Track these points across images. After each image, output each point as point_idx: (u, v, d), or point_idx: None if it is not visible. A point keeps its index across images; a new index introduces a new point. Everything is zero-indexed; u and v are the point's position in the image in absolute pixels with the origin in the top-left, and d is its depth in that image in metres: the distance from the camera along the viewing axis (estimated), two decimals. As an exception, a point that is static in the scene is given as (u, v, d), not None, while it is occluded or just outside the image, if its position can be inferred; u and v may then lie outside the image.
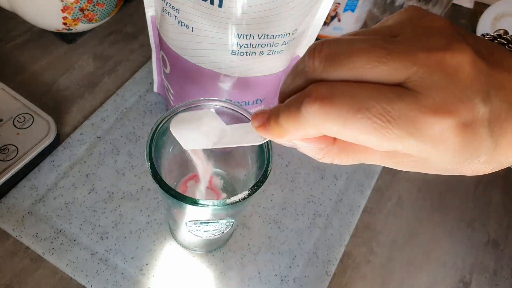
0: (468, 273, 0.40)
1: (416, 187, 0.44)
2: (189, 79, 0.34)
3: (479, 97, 0.14)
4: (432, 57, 0.15)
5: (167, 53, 0.34)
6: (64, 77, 0.46)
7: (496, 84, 0.15)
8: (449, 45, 0.15)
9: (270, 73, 0.33)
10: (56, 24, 0.43)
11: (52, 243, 0.35)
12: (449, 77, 0.14)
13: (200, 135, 0.23)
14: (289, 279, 0.36)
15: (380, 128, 0.14)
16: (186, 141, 0.23)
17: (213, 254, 0.36)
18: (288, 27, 0.29)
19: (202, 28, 0.29)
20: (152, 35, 0.38)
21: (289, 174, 0.42)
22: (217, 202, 0.23)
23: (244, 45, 0.29)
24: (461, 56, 0.15)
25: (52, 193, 0.37)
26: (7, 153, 0.36)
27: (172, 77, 0.36)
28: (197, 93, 0.35)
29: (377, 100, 0.14)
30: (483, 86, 0.15)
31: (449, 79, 0.14)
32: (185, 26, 0.30)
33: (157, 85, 0.45)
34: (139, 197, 0.38)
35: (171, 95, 0.39)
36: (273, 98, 0.39)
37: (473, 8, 0.65)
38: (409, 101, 0.14)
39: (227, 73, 0.32)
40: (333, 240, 0.39)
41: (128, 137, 0.42)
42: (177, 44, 0.32)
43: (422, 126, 0.14)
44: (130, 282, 0.34)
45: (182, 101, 0.38)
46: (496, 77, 0.15)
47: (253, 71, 0.32)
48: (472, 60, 0.15)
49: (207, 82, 0.34)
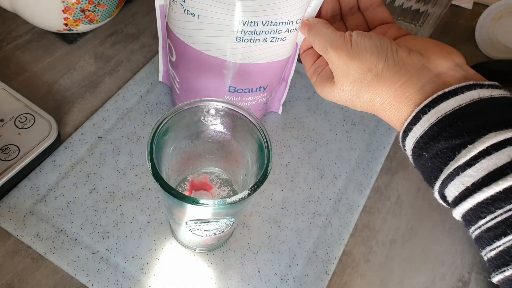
0: (467, 272, 0.40)
1: (415, 187, 0.44)
2: (194, 67, 0.35)
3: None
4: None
5: (173, 41, 0.35)
6: (65, 78, 0.46)
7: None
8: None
9: (273, 60, 0.34)
10: (57, 24, 0.43)
11: (53, 242, 0.35)
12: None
13: None
14: (289, 278, 0.36)
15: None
16: None
17: (213, 253, 0.36)
18: (292, 15, 0.30)
19: (207, 15, 0.30)
20: (160, 24, 0.38)
21: (288, 174, 0.42)
22: (218, 201, 0.23)
23: (249, 32, 0.30)
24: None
25: (53, 193, 0.38)
26: (8, 153, 0.37)
27: (178, 65, 0.37)
28: (201, 80, 0.36)
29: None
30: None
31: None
32: (191, 14, 0.31)
33: (163, 74, 0.46)
34: (140, 197, 0.38)
35: (177, 83, 0.40)
36: (276, 85, 0.39)
37: (472, 8, 0.65)
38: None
39: (231, 60, 0.33)
40: (332, 239, 0.39)
41: (129, 137, 0.42)
42: (183, 32, 0.33)
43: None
44: (131, 281, 0.34)
45: (187, 88, 0.39)
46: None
47: (257, 58, 0.33)
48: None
49: (212, 69, 0.34)
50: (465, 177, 0.22)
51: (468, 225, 0.23)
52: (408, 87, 0.25)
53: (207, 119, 0.29)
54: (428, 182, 0.25)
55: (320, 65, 0.32)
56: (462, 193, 0.22)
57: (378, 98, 0.26)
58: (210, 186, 0.35)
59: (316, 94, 0.48)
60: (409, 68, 0.25)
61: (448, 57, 0.25)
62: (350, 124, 0.47)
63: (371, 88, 0.26)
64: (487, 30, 0.59)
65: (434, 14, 0.50)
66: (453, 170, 0.22)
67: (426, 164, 0.24)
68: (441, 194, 0.25)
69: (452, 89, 0.23)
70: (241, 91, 0.36)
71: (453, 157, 0.22)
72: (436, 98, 0.24)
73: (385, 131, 0.47)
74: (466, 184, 0.22)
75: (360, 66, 0.26)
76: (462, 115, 0.22)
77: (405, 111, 0.25)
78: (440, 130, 0.23)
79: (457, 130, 0.22)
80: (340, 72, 0.28)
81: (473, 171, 0.21)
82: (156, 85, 0.46)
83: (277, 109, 0.46)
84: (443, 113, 0.23)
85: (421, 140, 0.24)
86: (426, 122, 0.24)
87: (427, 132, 0.24)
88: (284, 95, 0.44)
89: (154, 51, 0.50)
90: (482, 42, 0.59)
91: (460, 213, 0.23)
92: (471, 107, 0.22)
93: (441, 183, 0.24)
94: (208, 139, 0.31)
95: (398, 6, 0.51)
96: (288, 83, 0.42)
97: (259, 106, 0.40)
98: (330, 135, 0.46)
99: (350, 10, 0.34)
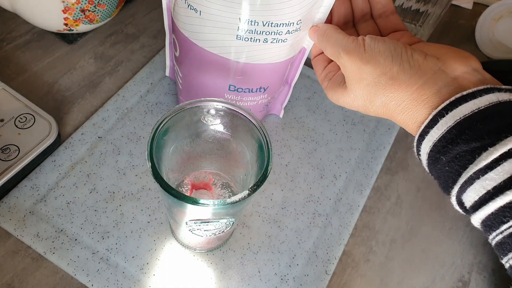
0: (467, 272, 0.40)
1: (415, 187, 0.44)
2: (196, 62, 0.35)
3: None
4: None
5: (177, 36, 0.35)
6: (65, 78, 0.46)
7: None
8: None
9: (273, 62, 0.34)
10: (57, 24, 0.43)
11: (53, 242, 0.35)
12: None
13: None
14: (289, 278, 0.36)
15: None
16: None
17: (213, 253, 0.36)
18: (293, 16, 0.30)
19: (209, 11, 0.30)
20: (166, 19, 0.39)
21: (288, 174, 0.42)
22: (218, 201, 0.23)
23: (249, 31, 0.30)
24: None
25: (53, 193, 0.38)
26: (8, 153, 0.37)
27: (181, 60, 0.37)
28: (202, 77, 0.36)
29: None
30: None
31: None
32: (194, 9, 0.31)
33: (169, 69, 0.46)
34: (140, 197, 0.38)
35: (180, 78, 0.40)
36: (278, 87, 0.39)
37: (472, 8, 0.65)
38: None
39: (231, 58, 0.33)
40: (332, 239, 0.39)
41: (129, 137, 0.42)
42: (186, 28, 0.33)
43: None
44: (131, 281, 0.34)
45: (188, 83, 0.39)
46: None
47: (257, 58, 0.33)
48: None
49: (213, 66, 0.34)
50: (486, 181, 0.21)
51: (488, 231, 0.23)
52: (425, 90, 0.25)
53: (207, 119, 0.29)
54: (445, 187, 0.25)
55: (331, 70, 0.32)
56: (482, 197, 0.22)
57: (393, 102, 0.26)
58: (210, 186, 0.35)
59: (316, 94, 0.48)
60: (426, 71, 0.25)
61: (464, 61, 0.25)
62: (350, 124, 0.47)
63: (386, 92, 0.26)
64: (487, 30, 0.59)
65: (434, 14, 0.50)
66: (473, 173, 0.22)
67: (443, 168, 0.24)
68: (459, 200, 0.24)
69: (470, 92, 0.23)
70: (241, 91, 0.36)
71: (472, 160, 0.22)
72: (454, 101, 0.23)
73: (385, 131, 0.47)
74: (487, 188, 0.21)
75: (374, 69, 0.26)
76: (481, 118, 0.22)
77: (421, 114, 0.25)
78: (459, 133, 0.23)
79: (477, 133, 0.22)
80: (353, 77, 0.27)
81: (494, 174, 0.21)
82: (156, 85, 0.46)
83: (279, 112, 0.46)
84: (461, 115, 0.23)
85: (439, 143, 0.24)
86: (444, 125, 0.23)
87: (445, 135, 0.23)
88: (287, 99, 0.44)
89: (154, 51, 0.50)
90: (482, 42, 0.59)
91: (480, 218, 0.23)
92: (490, 110, 0.22)
93: (459, 187, 0.23)
94: (208, 139, 0.31)
95: (398, 6, 0.51)
96: (291, 87, 0.41)
97: (260, 107, 0.40)
98: (330, 135, 0.46)
99: (363, 17, 0.34)
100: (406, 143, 0.47)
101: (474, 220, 0.23)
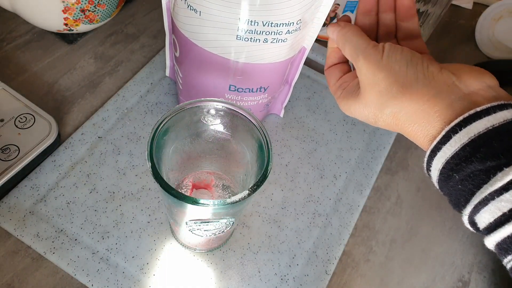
0: (467, 272, 0.40)
1: (415, 187, 0.44)
2: (196, 63, 0.35)
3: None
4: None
5: (177, 36, 0.36)
6: (65, 78, 0.46)
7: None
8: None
9: (274, 61, 0.34)
10: (57, 24, 0.43)
11: (53, 242, 0.35)
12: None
13: None
14: (289, 278, 0.36)
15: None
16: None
17: (213, 253, 0.36)
18: (292, 16, 0.30)
19: (209, 12, 0.30)
20: (166, 19, 0.39)
21: (288, 174, 0.42)
22: (218, 201, 0.23)
23: (249, 31, 0.30)
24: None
25: (53, 193, 0.38)
26: (8, 153, 0.37)
27: (181, 60, 0.37)
28: (202, 77, 0.36)
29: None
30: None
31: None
32: (194, 10, 0.31)
33: (169, 69, 0.46)
34: (140, 197, 0.38)
35: (180, 78, 0.40)
36: (278, 87, 0.39)
37: (472, 8, 0.65)
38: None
39: (231, 58, 0.33)
40: (332, 239, 0.39)
41: (129, 137, 0.42)
42: (186, 28, 0.33)
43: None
44: (131, 281, 0.34)
45: (189, 84, 0.39)
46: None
47: (257, 58, 0.33)
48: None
49: (213, 66, 0.35)
50: (502, 202, 0.21)
51: (504, 254, 0.22)
52: (437, 101, 0.24)
53: (207, 119, 0.29)
54: (456, 206, 0.24)
55: (346, 80, 0.31)
56: (498, 219, 0.21)
57: (403, 112, 0.25)
58: (210, 186, 0.35)
59: (316, 94, 0.48)
60: (439, 83, 0.24)
61: (479, 78, 0.25)
62: (350, 124, 0.47)
63: (396, 101, 0.25)
64: (487, 30, 0.59)
65: (434, 14, 0.50)
66: (488, 194, 0.21)
67: (456, 186, 0.23)
68: (471, 220, 0.23)
69: (484, 108, 0.22)
70: (241, 91, 0.36)
71: (487, 180, 0.21)
72: (468, 117, 0.23)
73: (385, 131, 0.47)
74: (503, 210, 0.21)
75: (387, 76, 0.26)
76: (495, 135, 0.22)
77: (433, 127, 0.24)
78: (473, 151, 0.22)
79: (492, 152, 0.21)
80: (367, 81, 0.27)
81: (510, 196, 0.20)
82: (156, 85, 0.46)
83: (279, 112, 0.46)
84: (475, 132, 0.22)
85: (452, 160, 0.23)
86: (457, 142, 0.23)
87: (459, 153, 0.23)
88: (287, 99, 0.44)
89: (154, 51, 0.50)
90: (482, 42, 0.59)
91: (495, 241, 0.22)
92: (505, 127, 0.22)
93: (473, 208, 0.22)
94: (208, 139, 0.31)
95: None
96: (291, 86, 0.42)
97: (260, 107, 0.40)
98: (330, 135, 0.46)
99: (387, 35, 0.33)
100: (406, 143, 0.47)
101: (488, 242, 0.23)
